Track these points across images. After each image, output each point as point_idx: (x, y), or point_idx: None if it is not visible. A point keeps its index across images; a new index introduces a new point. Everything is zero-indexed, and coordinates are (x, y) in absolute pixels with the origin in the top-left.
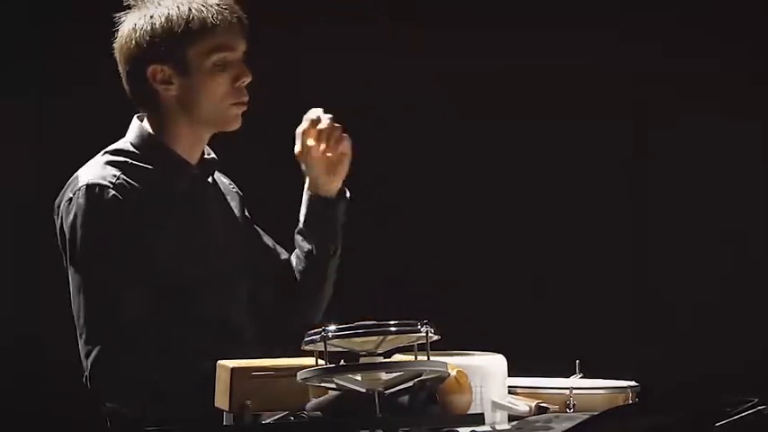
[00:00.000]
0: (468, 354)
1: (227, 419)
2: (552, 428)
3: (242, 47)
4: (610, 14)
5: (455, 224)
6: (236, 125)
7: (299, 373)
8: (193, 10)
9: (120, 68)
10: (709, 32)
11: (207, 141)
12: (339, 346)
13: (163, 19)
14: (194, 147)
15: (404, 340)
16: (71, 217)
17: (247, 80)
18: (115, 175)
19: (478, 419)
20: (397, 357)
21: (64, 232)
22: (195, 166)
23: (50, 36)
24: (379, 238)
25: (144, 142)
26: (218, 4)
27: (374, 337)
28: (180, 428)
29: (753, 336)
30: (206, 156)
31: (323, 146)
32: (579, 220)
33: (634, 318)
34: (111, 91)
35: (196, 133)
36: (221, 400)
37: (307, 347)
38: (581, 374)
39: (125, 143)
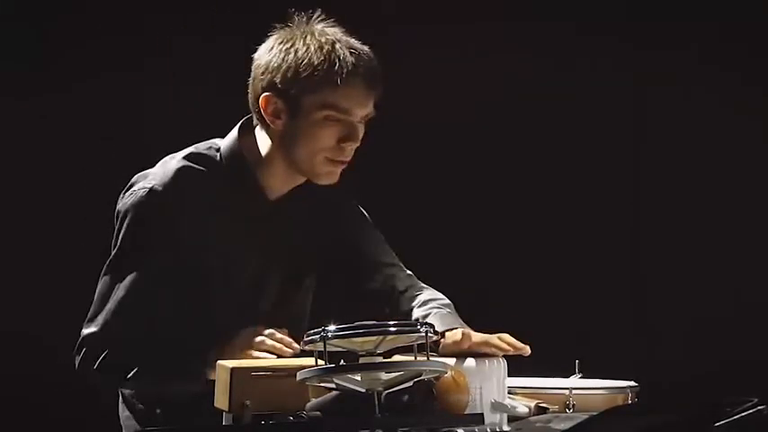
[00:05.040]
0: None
1: (226, 419)
2: (552, 429)
3: (361, 111)
4: (609, 18)
5: (455, 224)
6: (328, 180)
7: (298, 373)
8: (328, 60)
9: (250, 79)
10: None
11: (297, 183)
12: (339, 346)
13: (296, 55)
14: (283, 184)
15: (403, 340)
16: (125, 210)
17: (353, 145)
18: (181, 186)
19: (478, 419)
20: (397, 357)
21: (117, 219)
22: (272, 200)
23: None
24: None
25: (231, 156)
26: (354, 63)
27: (374, 337)
28: (180, 428)
29: (753, 335)
30: (296, 195)
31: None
32: (579, 220)
33: (633, 318)
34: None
35: (288, 172)
36: (221, 400)
37: (306, 347)
38: (581, 374)
39: (214, 150)
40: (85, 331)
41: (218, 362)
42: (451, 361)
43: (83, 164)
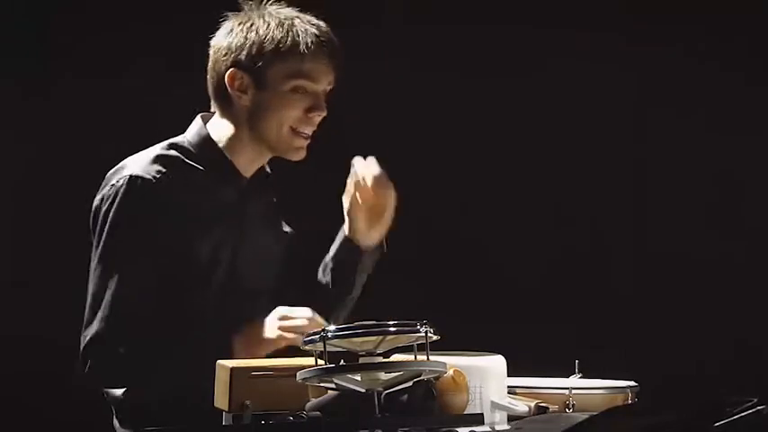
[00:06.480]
0: (468, 354)
1: (226, 419)
2: (552, 428)
3: (326, 81)
4: (609, 18)
5: (455, 224)
6: (297, 156)
7: (298, 373)
8: (290, 33)
9: (209, 64)
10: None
11: (266, 160)
12: (339, 346)
13: (257, 33)
14: (252, 162)
15: (403, 340)
16: (107, 203)
17: (321, 114)
18: (160, 171)
19: (478, 419)
20: (397, 357)
21: (98, 215)
22: (247, 178)
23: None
24: None
25: (201, 142)
26: (317, 35)
27: (374, 337)
28: (180, 428)
29: (753, 335)
30: (263, 171)
31: (367, 196)
32: (578, 219)
33: (633, 318)
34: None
35: (256, 150)
36: (221, 400)
37: (306, 347)
38: (580, 374)
39: (183, 138)
40: (90, 333)
41: (218, 362)
42: (452, 360)
43: (84, 164)
